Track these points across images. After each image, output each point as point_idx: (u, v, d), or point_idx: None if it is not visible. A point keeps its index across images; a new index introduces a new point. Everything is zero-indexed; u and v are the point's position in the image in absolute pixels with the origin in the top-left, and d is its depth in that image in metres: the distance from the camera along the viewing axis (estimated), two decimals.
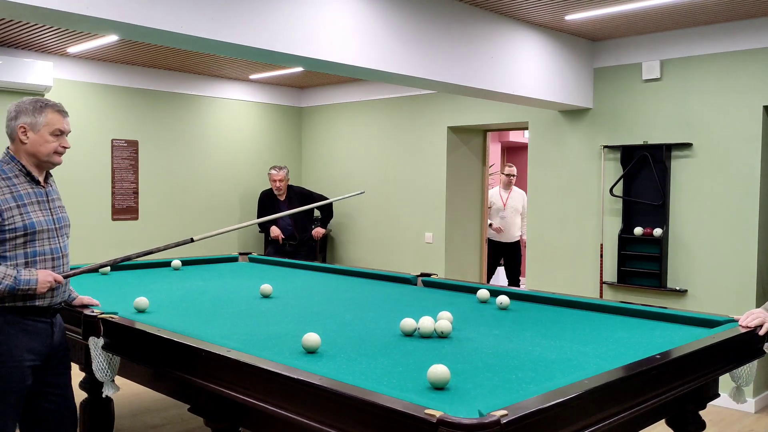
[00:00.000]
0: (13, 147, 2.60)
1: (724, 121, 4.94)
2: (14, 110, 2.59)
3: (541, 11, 4.65)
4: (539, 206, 5.97)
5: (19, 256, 2.51)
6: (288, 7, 3.58)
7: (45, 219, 2.58)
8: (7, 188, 2.51)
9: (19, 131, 2.56)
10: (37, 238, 2.55)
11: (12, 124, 2.58)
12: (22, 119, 2.56)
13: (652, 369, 2.08)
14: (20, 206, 2.51)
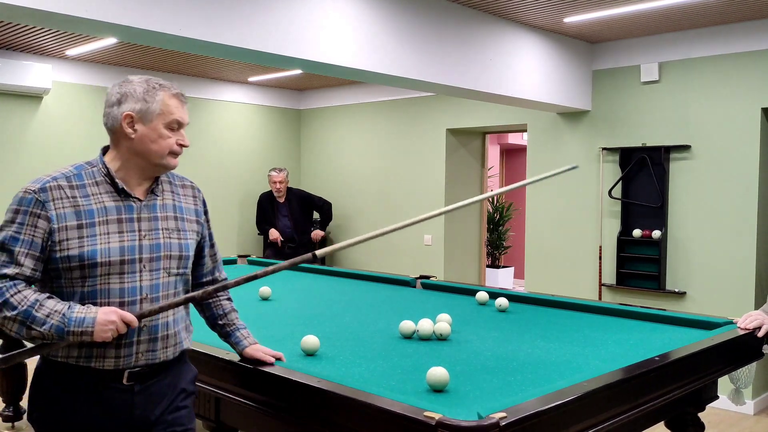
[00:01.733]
0: (114, 143, 1.89)
1: (722, 123, 4.95)
2: (118, 92, 1.85)
3: (540, 13, 4.65)
4: (538, 208, 5.97)
5: (76, 295, 1.78)
6: (287, 10, 3.58)
7: (123, 246, 1.80)
8: (71, 200, 1.78)
9: (123, 121, 1.83)
10: (100, 273, 1.78)
11: (114, 112, 1.85)
12: (128, 105, 1.83)
13: (651, 371, 2.08)
14: (84, 226, 1.77)
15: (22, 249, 1.74)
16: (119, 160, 1.87)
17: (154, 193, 1.90)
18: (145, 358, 1.83)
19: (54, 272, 1.78)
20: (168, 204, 1.93)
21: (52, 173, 1.82)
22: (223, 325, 2.12)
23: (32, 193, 1.76)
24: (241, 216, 7.57)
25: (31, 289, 1.75)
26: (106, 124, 1.88)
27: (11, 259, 1.73)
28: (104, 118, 1.88)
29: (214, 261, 2.11)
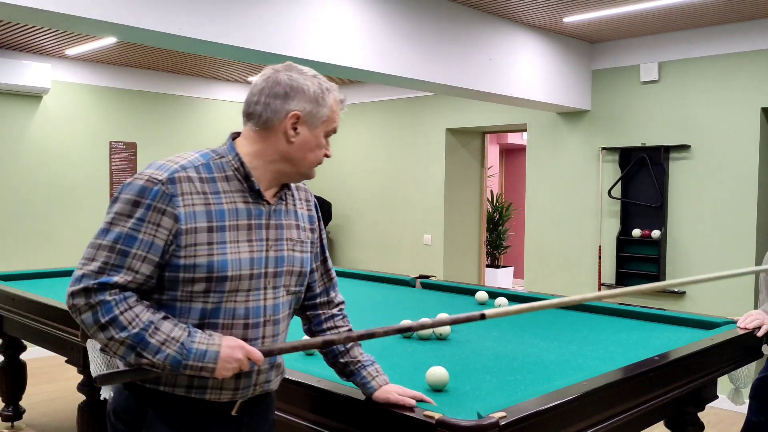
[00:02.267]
0: (258, 137, 1.56)
1: (722, 123, 4.95)
2: (288, 84, 1.53)
3: (540, 13, 4.65)
4: (537, 208, 5.97)
5: (194, 312, 1.49)
6: (286, 10, 3.58)
7: (252, 257, 1.53)
8: (201, 196, 1.49)
9: (288, 121, 1.53)
10: (228, 288, 1.50)
11: (277, 105, 1.53)
12: (298, 103, 1.53)
13: (651, 371, 2.08)
14: (215, 230, 1.48)
15: (139, 251, 1.42)
16: (260, 158, 1.55)
17: (280, 196, 1.61)
18: (261, 389, 1.60)
19: (169, 282, 1.47)
20: (290, 210, 1.64)
21: (177, 159, 1.51)
22: (345, 363, 1.72)
23: (158, 184, 1.44)
24: None
25: (142, 303, 1.44)
26: (260, 114, 1.54)
27: (124, 262, 1.42)
28: (257, 106, 1.54)
29: (330, 278, 1.82)
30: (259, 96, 1.54)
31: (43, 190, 6.12)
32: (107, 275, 1.42)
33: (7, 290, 3.59)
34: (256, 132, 1.56)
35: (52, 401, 4.77)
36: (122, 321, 1.40)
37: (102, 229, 1.46)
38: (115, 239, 1.43)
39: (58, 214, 6.21)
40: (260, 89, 1.54)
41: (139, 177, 1.46)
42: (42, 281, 4.06)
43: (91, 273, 1.42)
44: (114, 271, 1.42)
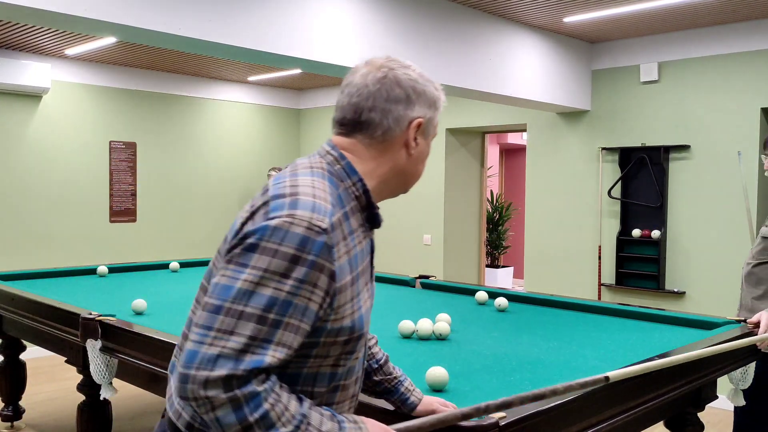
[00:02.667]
0: (376, 152, 1.30)
1: (721, 123, 4.95)
2: (411, 85, 1.30)
3: (540, 13, 4.65)
4: (537, 208, 5.97)
5: (321, 378, 1.24)
6: (286, 9, 3.58)
7: (368, 305, 1.31)
8: (345, 240, 1.20)
9: (412, 129, 1.30)
10: (358, 347, 1.29)
11: (400, 112, 1.28)
12: (421, 109, 1.31)
13: (651, 371, 2.08)
14: (354, 280, 1.23)
15: (293, 320, 1.12)
16: (375, 178, 1.30)
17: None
18: None
19: (306, 348, 1.18)
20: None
21: (317, 193, 1.19)
22: (380, 381, 1.55)
23: (323, 234, 1.14)
24: None
25: (284, 387, 1.14)
26: (378, 123, 1.27)
27: (274, 336, 1.10)
28: (372, 113, 1.27)
29: None
30: (375, 100, 1.27)
31: (42, 190, 6.12)
32: (256, 355, 1.08)
33: (7, 290, 3.59)
34: (369, 145, 1.29)
35: (52, 401, 4.77)
36: (272, 417, 1.09)
37: (242, 291, 1.09)
38: (267, 306, 1.09)
39: (57, 213, 6.21)
40: (374, 92, 1.27)
41: (294, 222, 1.12)
42: (41, 281, 4.06)
43: (231, 353, 1.07)
44: (262, 349, 1.09)
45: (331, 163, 1.27)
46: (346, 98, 1.30)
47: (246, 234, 1.13)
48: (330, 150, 1.29)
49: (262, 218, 1.14)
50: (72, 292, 3.66)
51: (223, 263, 1.15)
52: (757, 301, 2.90)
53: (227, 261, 1.14)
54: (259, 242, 1.11)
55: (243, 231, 1.15)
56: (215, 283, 1.12)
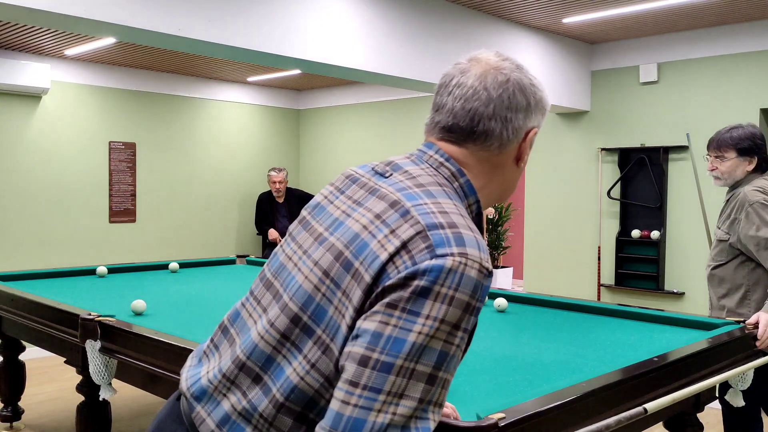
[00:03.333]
0: (489, 166, 1.18)
1: (721, 124, 4.93)
2: (532, 91, 1.18)
3: (539, 14, 4.65)
4: (537, 208, 5.97)
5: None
6: (286, 10, 3.58)
7: None
8: None
9: (528, 141, 1.19)
10: None
11: (520, 122, 1.17)
12: (538, 118, 1.20)
13: (650, 372, 2.08)
14: None
15: (451, 376, 0.99)
16: (486, 196, 1.19)
17: None
18: None
19: None
20: None
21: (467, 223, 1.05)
22: None
23: (489, 278, 1.01)
24: (240, 216, 7.56)
25: None
26: (498, 133, 1.15)
27: (438, 396, 0.96)
28: (493, 122, 1.14)
29: None
30: (496, 108, 1.13)
31: (42, 191, 6.12)
32: (423, 421, 0.94)
33: (6, 290, 3.58)
34: (483, 159, 1.16)
35: (51, 402, 4.77)
36: None
37: (417, 345, 0.93)
38: (438, 363, 0.95)
39: (57, 214, 6.20)
40: (495, 98, 1.14)
41: (468, 264, 0.97)
42: (41, 281, 4.06)
43: (401, 420, 0.92)
44: (428, 413, 0.94)
45: (449, 178, 1.13)
46: (458, 102, 1.15)
47: (412, 274, 0.95)
48: (444, 162, 1.14)
49: (426, 255, 0.96)
50: (71, 293, 3.66)
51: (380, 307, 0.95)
52: (723, 300, 3.01)
53: (389, 305, 0.94)
54: (433, 286, 0.94)
55: (399, 268, 0.97)
56: (376, 333, 0.93)
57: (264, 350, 1.07)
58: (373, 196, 1.10)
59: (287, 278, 1.12)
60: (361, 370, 0.92)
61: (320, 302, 1.04)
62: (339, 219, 1.11)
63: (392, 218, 1.03)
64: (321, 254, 1.07)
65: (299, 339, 1.04)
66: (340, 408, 0.92)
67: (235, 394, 1.08)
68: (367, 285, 0.98)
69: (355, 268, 1.01)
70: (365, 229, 1.04)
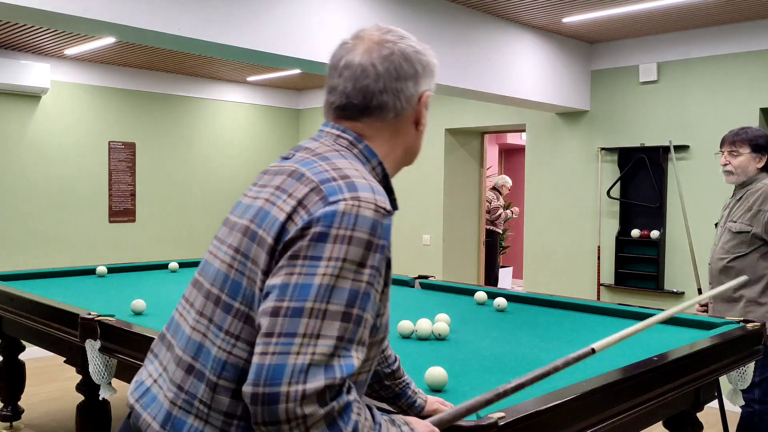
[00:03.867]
0: (389, 134, 1.23)
1: (721, 124, 4.95)
2: (417, 58, 1.22)
3: (539, 14, 4.65)
4: (537, 208, 5.97)
5: (361, 385, 1.15)
6: (286, 10, 3.58)
7: None
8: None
9: (422, 105, 1.24)
10: (384, 347, 1.36)
11: (411, 90, 1.21)
12: (427, 81, 1.25)
13: (650, 371, 2.08)
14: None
15: (369, 316, 1.02)
16: (392, 161, 1.25)
17: None
18: None
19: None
20: None
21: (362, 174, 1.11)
22: (390, 385, 1.48)
23: (388, 216, 1.06)
24: None
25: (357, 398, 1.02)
26: (392, 104, 1.19)
27: (357, 335, 0.99)
28: (384, 96, 1.18)
29: None
30: (385, 81, 1.18)
31: (41, 190, 6.12)
32: (346, 359, 0.97)
33: (6, 290, 3.58)
34: (381, 128, 1.21)
35: (51, 401, 4.77)
36: (360, 429, 0.98)
37: (323, 286, 0.98)
38: (350, 301, 0.98)
39: (56, 214, 6.20)
40: (383, 72, 1.18)
41: (361, 205, 1.03)
42: (40, 281, 4.06)
43: (322, 359, 0.95)
44: (350, 351, 0.97)
45: (348, 147, 1.18)
46: (349, 82, 1.18)
47: (308, 223, 1.01)
48: (341, 133, 1.20)
49: (320, 204, 1.03)
50: (71, 293, 3.66)
51: (284, 261, 1.01)
52: (743, 290, 3.08)
53: (291, 257, 1.00)
54: (329, 230, 1.00)
55: (297, 222, 1.02)
56: (282, 285, 0.98)
57: (195, 339, 1.12)
58: (276, 176, 1.17)
59: (209, 270, 1.17)
60: (274, 320, 0.96)
61: (234, 277, 1.09)
62: (249, 204, 1.17)
63: (289, 184, 1.10)
64: (233, 237, 1.14)
65: (219, 317, 1.09)
66: (259, 360, 0.95)
67: (175, 390, 1.11)
68: (270, 246, 1.04)
69: (259, 236, 1.07)
70: (267, 202, 1.11)
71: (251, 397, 0.95)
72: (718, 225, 3.34)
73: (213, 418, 1.06)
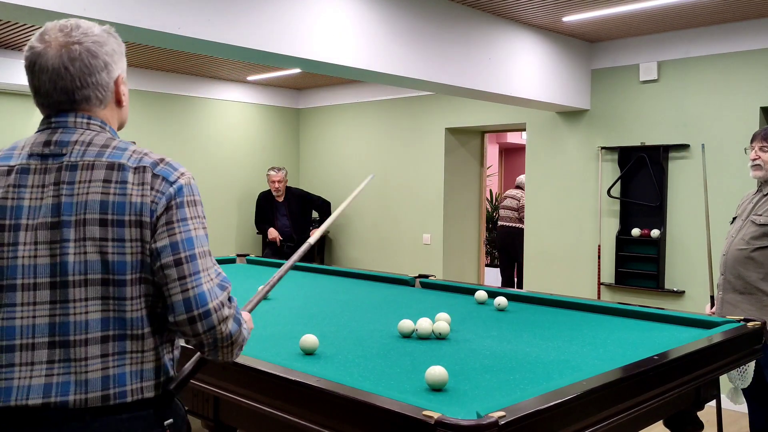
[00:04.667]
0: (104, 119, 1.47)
1: (721, 123, 4.95)
2: (101, 51, 1.44)
3: (539, 12, 4.65)
4: (537, 207, 5.97)
5: None
6: (286, 9, 3.58)
7: None
8: None
9: (119, 86, 1.51)
10: None
11: (105, 78, 1.45)
12: (118, 65, 1.51)
13: (650, 370, 2.08)
14: None
15: None
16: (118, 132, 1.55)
17: None
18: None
19: None
20: None
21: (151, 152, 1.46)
22: None
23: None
24: (239, 215, 7.57)
25: None
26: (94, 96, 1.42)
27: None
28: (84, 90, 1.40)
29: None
30: (80, 79, 1.39)
31: None
32: (224, 276, 1.43)
33: None
34: (97, 112, 1.45)
35: None
36: (239, 317, 1.44)
37: (198, 236, 1.38)
38: (207, 241, 1.42)
39: None
40: (76, 72, 1.38)
41: (189, 176, 1.43)
42: None
43: (218, 280, 1.40)
44: (220, 271, 1.44)
45: (104, 132, 1.44)
46: (50, 85, 1.37)
47: (168, 199, 1.35)
48: (90, 121, 1.42)
49: (167, 183, 1.37)
50: None
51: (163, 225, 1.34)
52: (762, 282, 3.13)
53: (167, 223, 1.34)
54: (183, 199, 1.37)
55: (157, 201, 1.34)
56: (172, 243, 1.34)
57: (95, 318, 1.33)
58: (76, 171, 1.34)
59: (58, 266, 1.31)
60: (181, 267, 1.33)
61: (115, 260, 1.32)
62: (59, 202, 1.33)
63: (123, 175, 1.35)
64: (82, 232, 1.31)
65: (118, 292, 1.33)
66: (184, 296, 1.33)
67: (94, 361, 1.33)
68: (146, 223, 1.33)
69: (128, 220, 1.32)
70: (108, 194, 1.33)
71: (190, 319, 1.33)
72: (735, 219, 3.39)
73: (147, 357, 1.36)
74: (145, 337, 1.35)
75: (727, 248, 3.28)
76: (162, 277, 1.33)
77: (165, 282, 1.33)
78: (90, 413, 1.29)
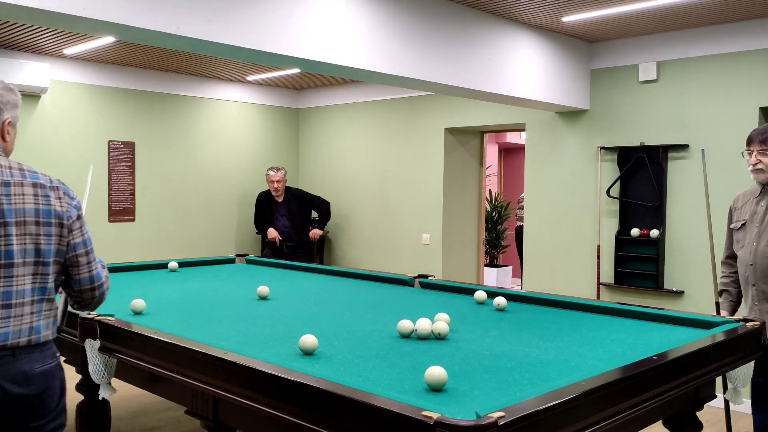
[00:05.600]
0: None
1: (720, 123, 4.95)
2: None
3: (538, 13, 4.65)
4: (536, 207, 5.97)
5: None
6: (285, 9, 3.58)
7: None
8: None
9: (4, 128, 2.19)
10: None
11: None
12: (8, 113, 2.23)
13: (649, 370, 2.08)
14: None
15: None
16: None
17: None
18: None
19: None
20: None
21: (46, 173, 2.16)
22: None
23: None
24: (239, 215, 7.56)
25: None
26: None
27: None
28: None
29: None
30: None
31: None
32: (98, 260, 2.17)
33: None
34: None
35: None
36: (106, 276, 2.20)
37: (89, 238, 2.11)
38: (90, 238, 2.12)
39: None
40: None
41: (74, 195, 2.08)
42: None
43: (101, 262, 2.17)
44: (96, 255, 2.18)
45: (2, 157, 2.08)
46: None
47: (75, 209, 2.04)
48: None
49: (71, 198, 2.05)
50: None
51: (76, 229, 2.03)
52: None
53: (80, 227, 2.05)
54: (80, 212, 2.06)
55: (69, 210, 2.01)
56: (82, 241, 2.05)
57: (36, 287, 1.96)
58: (10, 186, 1.96)
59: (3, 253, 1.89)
60: (87, 256, 2.06)
61: (44, 248, 1.95)
62: (2, 209, 1.91)
63: (45, 191, 1.99)
64: (22, 229, 1.92)
65: (44, 269, 1.96)
66: (89, 273, 2.07)
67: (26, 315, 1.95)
68: (65, 225, 2.00)
69: (54, 222, 1.97)
70: (39, 204, 1.96)
71: (92, 290, 2.10)
72: (744, 224, 3.18)
73: (52, 313, 2.01)
74: (53, 300, 2.02)
75: (753, 257, 3.05)
76: (75, 262, 2.04)
77: (76, 264, 2.04)
78: (19, 350, 1.90)
